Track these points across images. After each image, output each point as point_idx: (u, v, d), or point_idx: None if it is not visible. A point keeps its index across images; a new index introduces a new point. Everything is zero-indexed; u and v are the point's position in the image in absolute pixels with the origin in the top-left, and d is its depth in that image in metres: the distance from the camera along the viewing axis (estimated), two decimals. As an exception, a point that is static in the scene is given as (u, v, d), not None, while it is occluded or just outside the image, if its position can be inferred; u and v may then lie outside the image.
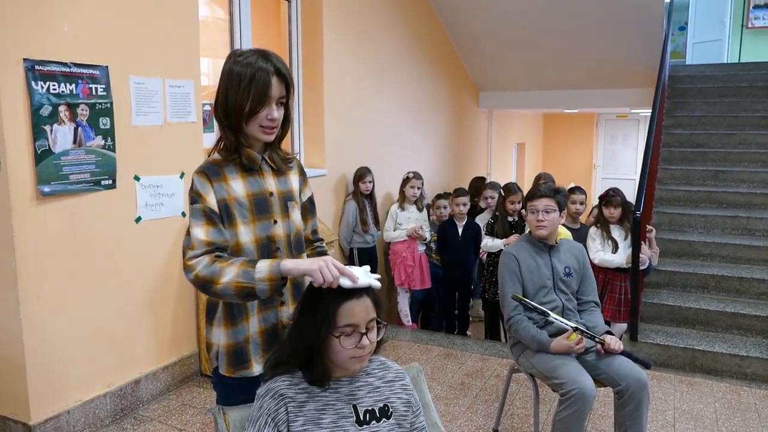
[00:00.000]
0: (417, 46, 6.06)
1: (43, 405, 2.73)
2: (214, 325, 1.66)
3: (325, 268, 1.39)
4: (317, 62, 4.54)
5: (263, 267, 1.45)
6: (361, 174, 4.81)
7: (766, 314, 4.14)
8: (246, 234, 1.59)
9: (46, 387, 2.74)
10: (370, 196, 4.90)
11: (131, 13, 2.98)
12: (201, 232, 1.53)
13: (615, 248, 3.98)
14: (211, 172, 1.58)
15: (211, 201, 1.56)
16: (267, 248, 1.62)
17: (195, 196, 1.57)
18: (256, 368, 1.64)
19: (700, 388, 3.59)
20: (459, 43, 6.94)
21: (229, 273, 1.46)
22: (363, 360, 1.42)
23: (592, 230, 4.09)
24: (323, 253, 1.79)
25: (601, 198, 4.09)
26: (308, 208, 1.80)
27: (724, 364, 3.92)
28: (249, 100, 1.52)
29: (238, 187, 1.59)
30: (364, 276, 1.42)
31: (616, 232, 4.03)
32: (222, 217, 1.57)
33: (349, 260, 4.84)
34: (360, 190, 4.81)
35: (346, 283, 1.38)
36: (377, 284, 1.44)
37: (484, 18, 6.31)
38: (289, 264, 1.45)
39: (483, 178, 6.22)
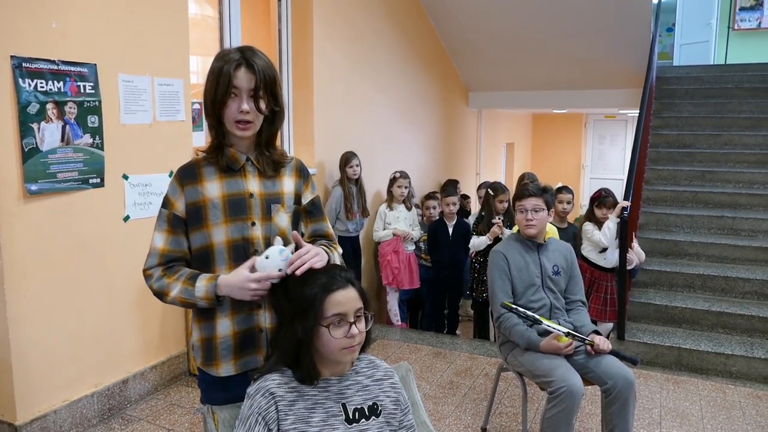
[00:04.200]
0: (407, 46, 6.07)
1: (29, 405, 2.71)
2: (193, 318, 1.69)
3: (255, 292, 1.49)
4: (307, 61, 4.53)
5: (201, 287, 1.54)
6: (347, 158, 4.70)
7: (750, 313, 4.19)
8: (218, 235, 1.59)
9: (32, 387, 2.72)
10: (357, 182, 4.78)
11: (120, 10, 2.96)
12: (160, 240, 1.60)
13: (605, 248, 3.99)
14: (186, 174, 1.60)
15: (179, 207, 1.60)
16: (242, 249, 1.60)
17: (165, 201, 1.62)
18: (224, 368, 1.63)
19: (686, 386, 3.63)
20: (449, 43, 6.96)
21: (174, 289, 1.57)
22: (354, 351, 1.43)
23: (588, 226, 4.04)
24: (327, 251, 1.71)
25: (593, 199, 4.08)
26: (308, 211, 1.75)
27: (710, 363, 3.97)
28: (215, 92, 1.53)
29: (213, 188, 1.59)
30: (282, 264, 1.49)
31: None
32: (191, 220, 1.60)
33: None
34: (347, 175, 4.69)
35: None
36: (287, 256, 1.50)
37: (474, 18, 6.33)
38: (223, 290, 1.53)
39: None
